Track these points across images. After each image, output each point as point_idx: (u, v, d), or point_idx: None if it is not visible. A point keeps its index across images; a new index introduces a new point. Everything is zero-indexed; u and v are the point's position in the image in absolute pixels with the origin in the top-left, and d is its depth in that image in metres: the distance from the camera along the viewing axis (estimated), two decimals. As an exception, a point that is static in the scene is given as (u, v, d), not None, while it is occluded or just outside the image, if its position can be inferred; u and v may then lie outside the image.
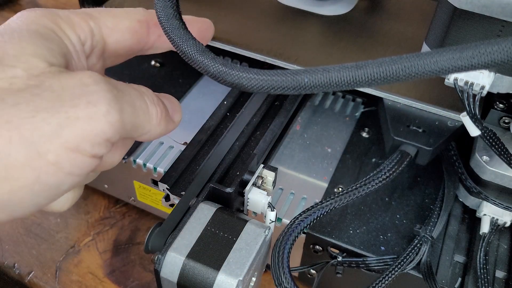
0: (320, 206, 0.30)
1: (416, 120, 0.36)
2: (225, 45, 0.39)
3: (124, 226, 0.44)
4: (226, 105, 0.39)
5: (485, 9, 0.26)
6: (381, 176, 0.33)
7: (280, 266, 0.27)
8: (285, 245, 0.27)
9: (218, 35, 0.40)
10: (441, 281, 0.32)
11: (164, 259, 0.25)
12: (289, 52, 0.39)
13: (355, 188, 0.32)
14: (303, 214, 0.30)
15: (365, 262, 0.32)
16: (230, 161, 0.34)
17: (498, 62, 0.18)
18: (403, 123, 0.36)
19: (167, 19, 0.24)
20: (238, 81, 0.22)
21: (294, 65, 0.38)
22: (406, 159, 0.34)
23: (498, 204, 0.33)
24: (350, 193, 0.31)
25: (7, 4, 0.70)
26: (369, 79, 0.19)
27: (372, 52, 0.40)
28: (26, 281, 0.41)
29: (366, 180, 0.32)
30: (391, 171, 0.33)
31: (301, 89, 0.21)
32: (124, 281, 0.41)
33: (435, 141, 0.35)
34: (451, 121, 0.36)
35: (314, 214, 0.30)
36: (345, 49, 0.40)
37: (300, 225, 0.29)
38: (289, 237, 0.28)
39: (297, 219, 0.29)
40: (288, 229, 0.29)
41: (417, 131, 0.35)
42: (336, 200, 0.31)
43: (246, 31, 0.41)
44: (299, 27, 0.42)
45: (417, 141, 0.35)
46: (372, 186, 0.32)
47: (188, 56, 0.23)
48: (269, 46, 0.39)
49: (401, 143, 0.35)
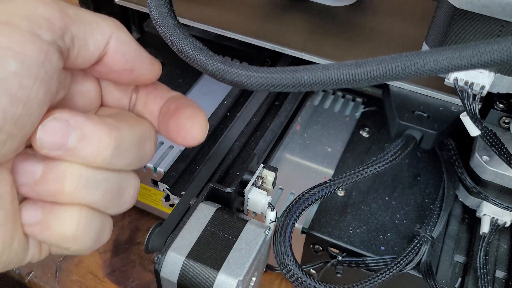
0: (328, 184, 0.31)
1: (421, 106, 0.37)
2: (224, 31, 0.40)
3: (124, 226, 0.44)
4: (226, 105, 0.39)
5: (485, 9, 0.26)
6: (387, 158, 0.33)
7: (283, 236, 0.27)
8: (290, 218, 0.28)
9: (226, 25, 0.40)
10: (441, 281, 0.32)
11: (164, 259, 0.25)
12: (295, 43, 0.39)
13: (362, 169, 0.32)
14: (311, 190, 0.30)
15: (365, 262, 0.32)
16: (230, 161, 0.34)
17: (498, 61, 0.18)
18: (408, 109, 0.37)
19: (161, 18, 0.24)
20: (237, 79, 0.22)
21: (303, 53, 0.38)
22: (412, 143, 0.35)
23: (498, 204, 0.33)
24: (358, 173, 0.32)
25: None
26: (369, 77, 0.19)
27: (375, 45, 0.40)
28: (26, 281, 0.41)
29: (372, 161, 0.33)
30: (397, 153, 0.34)
31: (301, 87, 0.21)
32: (124, 281, 0.41)
33: (439, 125, 0.36)
34: (455, 106, 0.37)
35: (322, 191, 0.30)
36: (350, 40, 0.40)
37: (308, 200, 0.29)
38: (296, 211, 0.28)
39: (306, 193, 0.30)
40: (296, 203, 0.29)
41: (422, 116, 0.37)
42: (343, 180, 0.31)
43: (251, 20, 0.41)
44: (302, 17, 0.42)
45: (422, 125, 0.36)
46: (379, 167, 0.33)
47: (186, 54, 0.23)
48: (276, 36, 0.39)
49: (406, 127, 0.36)
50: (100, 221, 0.23)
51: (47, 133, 0.20)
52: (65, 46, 0.20)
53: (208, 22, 0.41)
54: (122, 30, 0.23)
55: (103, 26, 0.22)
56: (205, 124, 0.25)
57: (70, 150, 0.20)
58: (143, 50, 0.24)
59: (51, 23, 0.19)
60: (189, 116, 0.24)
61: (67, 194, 0.21)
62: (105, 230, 0.23)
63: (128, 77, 0.24)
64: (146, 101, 0.26)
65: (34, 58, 0.18)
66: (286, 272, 0.28)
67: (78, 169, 0.21)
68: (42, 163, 0.20)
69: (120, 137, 0.21)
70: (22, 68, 0.18)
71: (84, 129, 0.20)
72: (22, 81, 0.18)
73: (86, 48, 0.21)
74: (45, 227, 0.21)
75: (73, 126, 0.20)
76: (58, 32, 0.20)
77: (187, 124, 0.24)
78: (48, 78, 0.19)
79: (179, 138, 0.24)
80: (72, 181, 0.20)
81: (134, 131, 0.23)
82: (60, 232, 0.21)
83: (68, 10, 0.20)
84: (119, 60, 0.23)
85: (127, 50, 0.23)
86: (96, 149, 0.20)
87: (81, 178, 0.21)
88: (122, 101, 0.26)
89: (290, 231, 0.28)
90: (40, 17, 0.19)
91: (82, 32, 0.21)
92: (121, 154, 0.21)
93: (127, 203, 0.24)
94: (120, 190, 0.23)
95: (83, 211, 0.21)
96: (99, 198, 0.22)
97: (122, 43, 0.23)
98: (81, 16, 0.21)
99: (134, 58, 0.23)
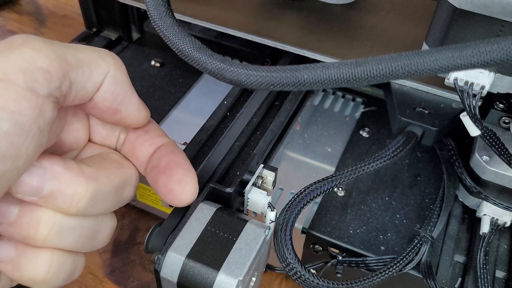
0: (330, 179, 0.31)
1: (422, 103, 0.37)
2: (227, 29, 0.40)
3: (124, 226, 0.44)
4: (226, 105, 0.39)
5: (485, 9, 0.26)
6: (388, 154, 0.33)
7: (283, 231, 0.27)
8: (291, 214, 0.28)
9: (230, 22, 0.40)
10: (441, 281, 0.32)
11: (164, 259, 0.25)
12: (296, 40, 0.39)
13: (363, 165, 0.32)
14: (312, 185, 0.30)
15: (365, 262, 0.32)
16: (230, 161, 0.34)
17: (498, 61, 0.18)
18: (409, 106, 0.37)
19: (160, 17, 0.24)
20: (237, 78, 0.22)
21: (304, 50, 0.38)
22: (413, 139, 0.35)
23: (498, 204, 0.33)
24: (359, 169, 0.32)
25: (7, 4, 0.70)
26: (369, 76, 0.19)
27: (376, 44, 0.40)
28: (26, 281, 0.41)
29: (374, 157, 0.33)
30: (398, 149, 0.34)
31: (301, 86, 0.21)
32: (124, 281, 0.41)
33: (440, 122, 0.36)
34: (455, 103, 0.37)
35: (324, 186, 0.30)
36: (351, 38, 0.40)
37: (309, 195, 0.29)
38: (296, 206, 0.28)
39: (308, 189, 0.30)
40: (297, 197, 0.29)
41: (423, 113, 0.36)
42: (344, 175, 0.31)
43: (256, 19, 0.41)
44: (302, 14, 0.42)
45: (423, 121, 0.36)
46: (380, 163, 0.33)
47: (185, 53, 0.23)
48: (277, 34, 0.39)
49: (407, 124, 0.36)
50: (72, 261, 0.22)
51: (23, 179, 0.19)
52: (62, 94, 0.20)
53: (210, 20, 0.41)
54: (119, 68, 0.22)
55: (102, 65, 0.21)
56: (194, 187, 0.24)
57: (44, 198, 0.20)
58: (135, 94, 0.23)
59: (49, 74, 0.19)
60: (179, 180, 0.24)
61: (39, 240, 0.20)
62: (76, 269, 0.23)
63: (111, 117, 0.23)
64: (135, 145, 0.25)
65: (27, 116, 0.18)
66: (286, 267, 0.28)
67: (52, 216, 0.20)
68: (18, 205, 0.20)
69: (97, 188, 0.21)
70: (15, 127, 0.18)
71: (60, 179, 0.20)
72: (13, 139, 0.17)
73: (84, 91, 0.21)
74: (16, 268, 0.21)
75: (50, 174, 0.20)
76: (56, 83, 0.19)
77: (177, 189, 0.24)
78: (39, 132, 0.19)
79: (167, 199, 0.24)
80: (45, 228, 0.20)
81: (114, 178, 0.22)
82: (30, 275, 0.21)
83: (68, 57, 0.20)
84: (107, 98, 0.22)
85: (118, 90, 0.22)
86: (70, 199, 0.20)
87: (54, 225, 0.20)
88: (109, 139, 0.25)
89: (291, 226, 0.28)
90: (38, 69, 0.18)
91: (81, 76, 0.20)
92: (97, 203, 0.21)
93: (101, 244, 0.24)
94: (94, 233, 0.23)
95: (55, 254, 0.21)
96: (72, 243, 0.21)
97: (115, 82, 0.22)
98: (80, 59, 0.20)
99: (123, 99, 0.23)
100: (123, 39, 0.50)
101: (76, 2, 0.50)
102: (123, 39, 0.50)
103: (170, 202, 0.24)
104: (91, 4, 0.48)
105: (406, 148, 0.34)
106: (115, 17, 0.48)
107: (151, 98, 0.43)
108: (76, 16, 0.68)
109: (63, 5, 0.71)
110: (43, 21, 0.68)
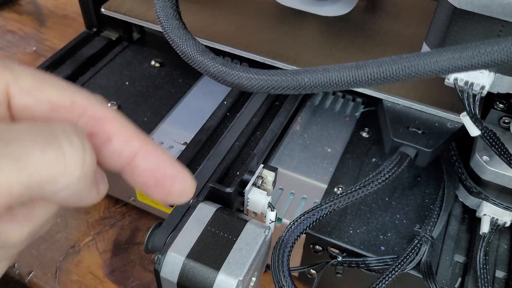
0: (320, 208, 0.30)
1: (415, 122, 0.36)
2: (224, 46, 0.39)
3: (124, 226, 0.44)
4: (226, 105, 0.39)
5: (485, 9, 0.26)
6: (380, 178, 0.33)
7: (280, 268, 0.27)
8: (285, 248, 0.27)
9: (217, 36, 0.40)
10: (441, 281, 0.32)
11: (164, 259, 0.25)
12: (288, 53, 0.39)
13: (354, 190, 0.32)
14: (303, 216, 0.30)
15: (365, 262, 0.32)
16: (230, 161, 0.34)
17: (498, 62, 0.18)
18: (402, 124, 0.36)
19: (166, 19, 0.24)
20: (238, 81, 0.22)
21: (294, 66, 0.38)
22: (406, 161, 0.34)
23: (498, 204, 0.33)
24: (350, 195, 0.31)
25: (7, 4, 0.70)
26: (369, 79, 0.19)
27: (372, 53, 0.40)
28: (26, 281, 0.41)
29: (365, 181, 0.32)
30: (391, 172, 0.33)
31: (301, 89, 0.21)
32: (124, 281, 0.41)
33: (434, 142, 0.35)
34: (450, 123, 0.36)
35: (314, 216, 0.30)
36: (344, 50, 0.40)
37: (299, 227, 0.29)
38: (289, 238, 0.28)
39: (296, 221, 0.29)
40: (288, 231, 0.29)
41: (417, 133, 0.35)
42: (336, 203, 0.31)
43: (245, 32, 0.41)
44: (298, 27, 0.42)
45: (417, 142, 0.35)
46: (371, 188, 0.32)
47: (188, 56, 0.23)
48: (268, 47, 0.39)
49: (400, 144, 0.35)
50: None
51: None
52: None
53: (211, 38, 0.41)
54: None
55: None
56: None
57: None
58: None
59: None
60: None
61: None
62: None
63: None
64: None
65: None
66: None
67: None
68: None
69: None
70: None
71: None
72: None
73: None
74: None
75: None
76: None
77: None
78: None
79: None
80: None
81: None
82: None
83: None
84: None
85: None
86: None
87: None
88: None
89: (288, 256, 0.28)
90: None
91: None
92: None
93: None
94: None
95: None
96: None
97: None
98: None
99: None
100: (123, 39, 0.50)
101: (76, 2, 0.50)
102: (123, 39, 0.50)
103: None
104: (91, 4, 0.48)
105: (399, 170, 0.33)
106: (115, 17, 0.48)
107: (151, 98, 0.43)
108: (76, 16, 0.68)
109: (63, 5, 0.71)
110: (43, 21, 0.68)
